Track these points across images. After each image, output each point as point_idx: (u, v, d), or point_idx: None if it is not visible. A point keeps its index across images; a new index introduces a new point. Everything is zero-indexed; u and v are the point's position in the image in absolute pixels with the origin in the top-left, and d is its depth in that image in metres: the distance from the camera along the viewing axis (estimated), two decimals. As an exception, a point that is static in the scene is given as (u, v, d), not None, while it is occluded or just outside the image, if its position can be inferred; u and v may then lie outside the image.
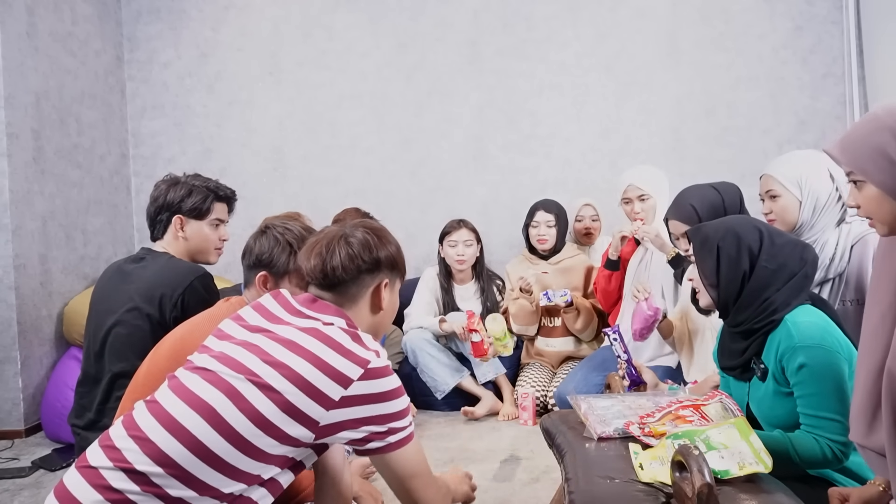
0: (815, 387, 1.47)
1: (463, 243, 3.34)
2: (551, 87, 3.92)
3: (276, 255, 1.70)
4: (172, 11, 4.06)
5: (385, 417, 1.25)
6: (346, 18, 4.00)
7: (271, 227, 1.75)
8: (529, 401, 3.02)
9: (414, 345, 3.24)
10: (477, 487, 1.71)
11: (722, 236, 1.64)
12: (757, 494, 1.30)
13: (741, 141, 3.81)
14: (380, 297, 1.39)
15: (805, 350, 1.48)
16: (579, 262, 3.36)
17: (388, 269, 1.40)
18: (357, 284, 1.36)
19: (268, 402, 1.17)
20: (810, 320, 1.53)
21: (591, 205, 3.60)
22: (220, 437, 1.15)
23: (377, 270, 1.38)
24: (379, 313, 1.41)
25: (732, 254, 1.61)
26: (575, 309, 3.19)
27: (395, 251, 1.42)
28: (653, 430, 1.53)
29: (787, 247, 1.61)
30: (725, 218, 1.79)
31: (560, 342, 3.33)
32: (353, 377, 1.21)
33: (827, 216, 2.03)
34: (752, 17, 3.79)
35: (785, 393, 1.55)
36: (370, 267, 1.37)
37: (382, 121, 4.01)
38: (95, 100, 3.77)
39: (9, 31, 3.12)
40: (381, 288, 1.39)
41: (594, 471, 1.43)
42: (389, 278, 1.41)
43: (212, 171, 4.04)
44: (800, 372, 1.49)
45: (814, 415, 1.48)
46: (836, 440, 1.46)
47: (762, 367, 1.60)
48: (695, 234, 1.71)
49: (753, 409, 1.66)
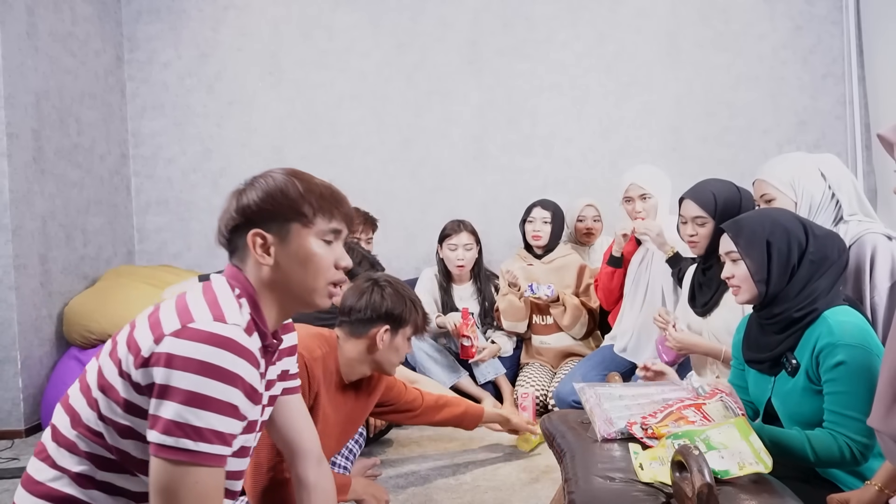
0: (849, 385, 1.46)
1: (463, 247, 3.35)
2: (551, 87, 3.92)
3: (406, 312, 1.89)
4: (172, 11, 4.06)
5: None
6: (346, 18, 4.00)
7: (388, 282, 1.92)
8: (529, 401, 3.01)
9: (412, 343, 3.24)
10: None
11: (770, 231, 1.62)
12: (757, 494, 1.30)
13: (741, 141, 3.81)
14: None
15: (846, 348, 1.47)
16: (572, 261, 3.36)
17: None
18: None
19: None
20: (852, 320, 1.52)
21: (594, 205, 3.60)
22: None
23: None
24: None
25: (783, 248, 1.60)
26: (561, 304, 3.21)
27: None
28: (655, 430, 1.52)
29: (826, 238, 1.62)
30: (762, 211, 1.77)
31: (555, 339, 3.33)
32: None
33: (822, 216, 2.03)
34: (752, 17, 3.79)
35: (814, 391, 1.53)
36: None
37: (382, 121, 4.01)
38: (95, 100, 3.77)
39: (9, 31, 3.12)
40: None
41: (594, 471, 1.43)
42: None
43: (212, 171, 4.08)
44: (836, 369, 1.47)
45: (840, 412, 1.47)
46: (856, 440, 1.44)
47: (794, 362, 1.58)
48: (737, 230, 1.67)
49: (776, 403, 1.64)
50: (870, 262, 1.93)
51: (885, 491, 1.34)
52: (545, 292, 3.16)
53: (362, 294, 1.89)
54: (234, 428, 1.05)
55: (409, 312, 1.90)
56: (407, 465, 2.58)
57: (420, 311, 1.94)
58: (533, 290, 3.17)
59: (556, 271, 3.34)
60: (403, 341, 1.93)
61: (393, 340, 1.89)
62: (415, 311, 1.91)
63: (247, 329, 1.10)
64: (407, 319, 1.90)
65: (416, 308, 1.92)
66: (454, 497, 2.27)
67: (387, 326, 1.87)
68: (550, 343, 3.34)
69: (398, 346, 1.92)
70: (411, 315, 1.90)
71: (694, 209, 2.26)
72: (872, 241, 1.94)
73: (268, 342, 1.18)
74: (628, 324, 2.98)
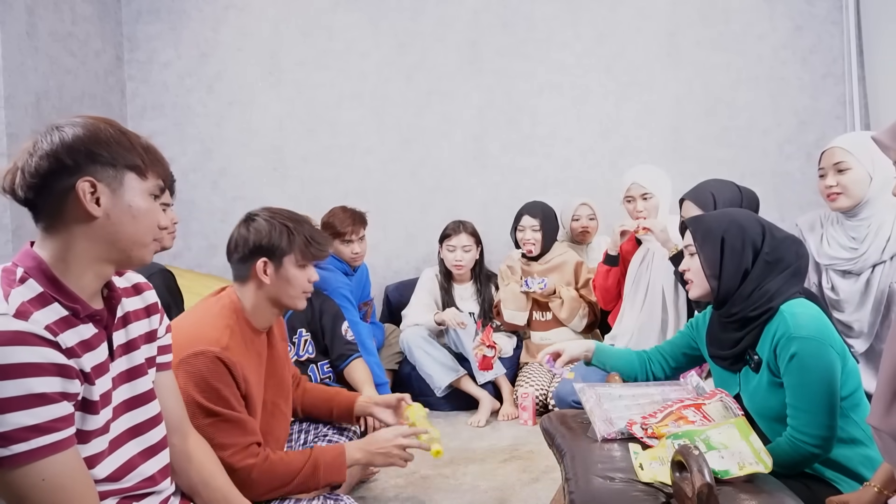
0: (801, 377, 1.48)
1: (461, 248, 3.35)
2: (551, 87, 3.92)
3: (274, 238, 1.68)
4: (172, 11, 4.06)
5: None
6: (346, 18, 4.00)
7: (257, 214, 1.75)
8: (529, 401, 3.02)
9: (410, 342, 3.25)
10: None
11: (726, 228, 1.64)
12: (757, 494, 1.30)
13: (741, 141, 3.81)
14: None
15: (799, 340, 1.48)
16: (568, 259, 3.37)
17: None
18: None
19: None
20: (806, 312, 1.54)
21: (588, 204, 3.60)
22: None
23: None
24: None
25: (737, 246, 1.62)
26: (558, 297, 3.23)
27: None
28: (655, 430, 1.53)
29: (785, 241, 1.63)
30: (726, 210, 1.78)
31: (555, 334, 3.33)
32: None
33: (886, 196, 2.02)
34: (752, 17, 3.79)
35: (779, 384, 1.55)
36: None
37: (382, 121, 4.01)
38: (95, 100, 3.77)
39: (9, 31, 3.12)
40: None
41: (594, 471, 1.43)
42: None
43: (212, 171, 4.08)
44: (791, 362, 1.49)
45: (794, 405, 1.49)
46: (810, 433, 1.46)
47: (756, 358, 1.60)
48: (696, 224, 1.70)
49: (745, 400, 1.66)
50: None
51: (885, 492, 1.34)
52: (538, 285, 3.19)
53: (233, 233, 1.74)
54: (54, 412, 0.98)
55: (282, 238, 1.69)
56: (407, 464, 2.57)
57: (301, 234, 1.71)
58: (528, 284, 3.21)
59: (554, 270, 3.35)
60: (295, 269, 1.71)
61: (279, 272, 1.69)
62: (290, 234, 1.70)
63: (32, 303, 1.02)
64: (282, 246, 1.69)
65: (292, 232, 1.70)
66: (454, 497, 2.27)
67: (263, 259, 1.68)
68: (551, 339, 3.34)
69: (289, 276, 1.70)
70: (287, 240, 1.69)
71: (692, 209, 2.29)
72: None
73: (80, 308, 1.07)
74: (628, 324, 2.98)
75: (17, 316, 0.99)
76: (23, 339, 0.97)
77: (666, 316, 2.84)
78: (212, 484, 1.37)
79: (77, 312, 1.07)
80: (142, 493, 1.19)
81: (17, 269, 1.06)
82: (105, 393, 1.11)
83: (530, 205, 3.37)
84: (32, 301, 1.03)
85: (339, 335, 2.85)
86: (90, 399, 1.07)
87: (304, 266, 1.74)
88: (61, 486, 0.99)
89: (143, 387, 1.21)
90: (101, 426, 1.09)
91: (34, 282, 1.05)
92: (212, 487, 1.37)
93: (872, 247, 2.02)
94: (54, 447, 0.98)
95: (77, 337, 1.06)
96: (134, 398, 1.20)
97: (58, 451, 0.99)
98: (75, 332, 1.06)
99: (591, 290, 3.28)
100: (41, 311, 1.03)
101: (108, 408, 1.12)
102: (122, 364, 1.18)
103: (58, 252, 1.08)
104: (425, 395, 3.24)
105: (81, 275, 1.09)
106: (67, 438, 1.01)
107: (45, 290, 1.05)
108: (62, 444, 1.00)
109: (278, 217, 1.73)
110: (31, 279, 1.05)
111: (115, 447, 1.14)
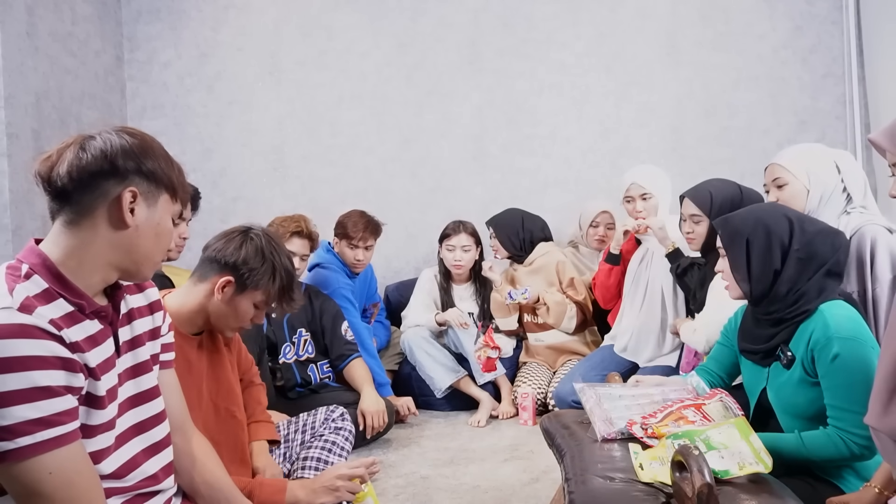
0: (846, 378, 1.45)
1: (461, 248, 3.35)
2: (551, 87, 3.92)
3: (256, 273, 1.61)
4: (172, 11, 4.06)
5: None
6: (346, 18, 4.00)
7: (258, 234, 1.68)
8: (529, 401, 3.02)
9: (411, 342, 3.25)
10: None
11: (752, 229, 1.61)
12: (757, 494, 1.30)
13: (741, 141, 3.81)
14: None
15: (841, 341, 1.46)
16: (550, 260, 3.35)
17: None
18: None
19: None
20: (845, 313, 1.52)
21: (609, 212, 3.45)
22: None
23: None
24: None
25: (763, 247, 1.59)
26: (543, 304, 3.23)
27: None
28: (655, 430, 1.53)
29: (818, 235, 1.59)
30: (753, 207, 1.74)
31: (549, 335, 3.34)
32: None
33: (831, 207, 2.04)
34: (752, 17, 3.79)
35: (811, 383, 1.53)
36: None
37: (382, 121, 4.01)
38: (95, 100, 3.77)
39: (9, 31, 3.12)
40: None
41: (594, 471, 1.43)
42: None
43: (212, 171, 4.08)
44: (833, 362, 1.46)
45: (839, 406, 1.46)
46: (856, 433, 1.43)
47: (789, 354, 1.57)
48: (723, 225, 1.67)
49: (770, 395, 1.64)
50: (870, 254, 1.93)
51: (885, 492, 1.34)
52: (522, 296, 3.19)
53: (223, 237, 1.68)
54: (58, 406, 0.98)
55: (261, 277, 1.62)
56: (407, 465, 2.58)
57: (279, 283, 1.65)
58: (511, 296, 3.21)
59: (536, 272, 3.35)
60: (249, 306, 1.64)
61: (234, 298, 1.62)
62: (271, 279, 1.63)
63: (37, 298, 1.02)
64: (254, 282, 1.62)
65: (274, 276, 1.63)
66: (454, 497, 2.27)
67: (230, 278, 1.61)
68: (545, 340, 3.35)
69: (239, 307, 1.63)
70: (262, 280, 1.62)
71: (690, 207, 2.32)
72: (872, 232, 1.95)
73: (85, 304, 1.07)
74: (628, 323, 2.98)
75: (22, 310, 0.99)
76: (27, 332, 0.97)
77: (665, 315, 2.84)
78: (215, 485, 1.37)
79: (82, 308, 1.08)
80: (146, 493, 1.19)
81: (22, 266, 1.06)
82: (111, 388, 1.11)
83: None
84: (38, 296, 1.03)
85: (339, 335, 2.85)
86: (96, 394, 1.07)
87: (260, 308, 1.68)
88: (68, 481, 0.99)
89: (147, 383, 1.22)
90: (106, 421, 1.09)
91: (39, 278, 1.05)
92: (215, 489, 1.37)
93: None
94: (59, 440, 0.98)
95: (83, 332, 1.07)
96: (139, 395, 1.20)
97: (62, 444, 0.99)
98: (81, 328, 1.07)
99: (577, 290, 3.28)
100: (46, 305, 1.03)
101: (114, 403, 1.12)
102: (127, 360, 1.18)
103: (73, 248, 1.07)
104: (425, 395, 3.25)
105: (90, 274, 1.09)
106: (72, 432, 1.01)
107: (51, 286, 1.05)
108: (67, 437, 1.00)
109: (275, 252, 1.66)
110: (35, 275, 1.05)
111: (119, 443, 1.14)
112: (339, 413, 2.14)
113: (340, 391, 2.83)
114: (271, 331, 2.76)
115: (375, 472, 2.25)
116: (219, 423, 1.68)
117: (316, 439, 2.08)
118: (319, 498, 1.58)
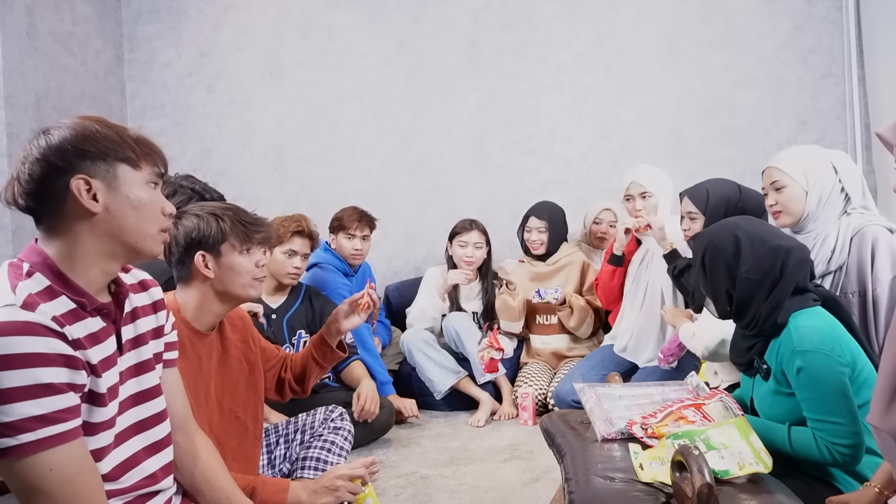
0: (814, 390, 1.48)
1: (473, 245, 3.35)
2: (551, 87, 3.92)
3: (203, 229, 1.59)
4: (172, 11, 4.06)
5: None
6: (346, 18, 4.00)
7: (185, 210, 1.66)
8: (529, 401, 3.02)
9: (411, 344, 3.24)
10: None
11: (704, 249, 1.66)
12: (757, 494, 1.30)
13: (741, 141, 3.81)
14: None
15: (802, 354, 1.49)
16: (575, 259, 3.36)
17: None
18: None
19: None
20: (812, 325, 1.53)
21: (612, 210, 3.52)
22: None
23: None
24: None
25: (714, 268, 1.64)
26: (569, 307, 3.20)
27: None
28: (655, 430, 1.53)
29: (769, 254, 1.58)
30: (714, 225, 1.75)
31: (556, 339, 3.33)
32: None
33: (830, 208, 2.04)
34: (752, 17, 3.79)
35: (785, 393, 1.56)
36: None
37: (382, 121, 4.01)
38: (95, 100, 3.77)
39: (9, 31, 3.12)
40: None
41: (594, 471, 1.43)
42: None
43: (212, 171, 4.07)
44: (799, 375, 1.49)
45: (816, 418, 1.48)
46: (838, 443, 1.45)
47: (765, 366, 1.61)
48: (693, 243, 1.75)
49: (756, 404, 1.68)
50: (871, 254, 1.94)
51: (885, 492, 1.34)
52: (553, 295, 3.14)
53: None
54: (61, 403, 0.98)
55: (211, 226, 1.59)
56: (407, 465, 2.58)
57: (230, 218, 1.62)
58: (540, 294, 3.14)
59: (560, 271, 3.34)
60: (237, 256, 1.62)
61: (220, 262, 1.60)
62: (220, 220, 1.60)
63: (39, 295, 1.02)
64: (214, 234, 1.59)
65: (221, 218, 1.61)
66: (454, 497, 2.27)
67: (201, 252, 1.59)
68: (552, 343, 3.34)
69: (232, 264, 1.61)
70: (216, 227, 1.60)
71: (687, 204, 2.38)
72: (873, 233, 1.95)
73: (87, 301, 1.07)
74: (628, 323, 2.98)
75: (24, 307, 0.99)
76: (30, 329, 0.97)
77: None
78: (215, 484, 1.37)
79: (84, 305, 1.08)
80: (145, 493, 1.18)
81: (24, 264, 1.07)
82: (112, 386, 1.11)
83: (538, 206, 3.36)
84: (40, 294, 1.04)
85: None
86: (97, 391, 1.07)
87: (248, 250, 1.64)
88: (70, 478, 0.99)
89: (150, 382, 1.22)
90: (107, 419, 1.09)
91: (41, 275, 1.06)
92: (215, 487, 1.37)
93: (818, 259, 2.02)
94: (61, 437, 0.98)
95: (84, 329, 1.07)
96: (141, 393, 1.20)
97: (64, 441, 0.99)
98: (83, 325, 1.07)
99: (596, 295, 3.28)
100: (48, 303, 1.03)
101: (116, 401, 1.12)
102: (130, 358, 1.18)
103: (63, 251, 1.08)
104: (425, 395, 3.24)
105: (87, 271, 1.09)
106: (74, 429, 1.01)
107: (52, 284, 1.06)
108: (69, 434, 1.00)
109: (206, 208, 1.65)
110: (37, 273, 1.06)
111: (120, 441, 1.14)
112: (339, 413, 2.14)
113: (340, 391, 2.83)
114: (271, 332, 2.76)
115: (375, 472, 2.26)
116: (223, 423, 1.68)
117: (315, 439, 2.07)
118: (320, 498, 1.59)
